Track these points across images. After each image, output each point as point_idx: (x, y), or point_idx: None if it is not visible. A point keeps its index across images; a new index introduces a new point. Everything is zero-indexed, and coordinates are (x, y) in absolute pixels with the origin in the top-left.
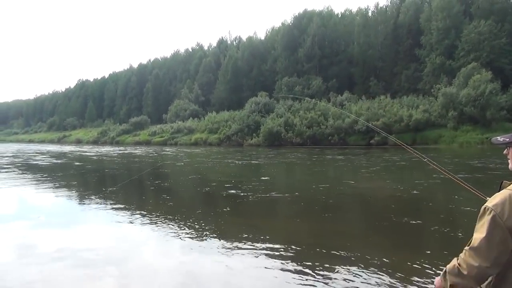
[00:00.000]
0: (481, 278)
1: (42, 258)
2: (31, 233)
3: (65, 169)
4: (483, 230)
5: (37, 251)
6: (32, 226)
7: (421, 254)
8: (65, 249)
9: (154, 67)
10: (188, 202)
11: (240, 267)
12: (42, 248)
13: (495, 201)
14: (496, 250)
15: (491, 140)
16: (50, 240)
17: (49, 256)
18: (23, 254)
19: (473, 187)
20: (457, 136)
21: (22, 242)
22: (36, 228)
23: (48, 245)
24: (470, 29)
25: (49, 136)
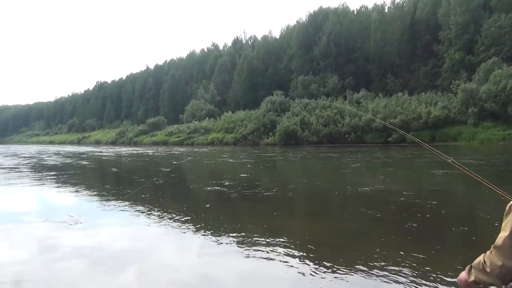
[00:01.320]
0: (504, 277)
1: (63, 256)
2: (52, 231)
3: (87, 170)
4: (507, 229)
5: (58, 249)
6: (53, 225)
7: (441, 251)
8: (84, 247)
9: (170, 67)
10: (204, 201)
11: (257, 267)
12: (62, 246)
13: None
14: None
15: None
16: (71, 238)
17: (70, 254)
18: (45, 251)
19: (497, 187)
20: (478, 133)
21: (43, 240)
22: (57, 227)
23: (69, 243)
24: (490, 23)
25: (69, 137)
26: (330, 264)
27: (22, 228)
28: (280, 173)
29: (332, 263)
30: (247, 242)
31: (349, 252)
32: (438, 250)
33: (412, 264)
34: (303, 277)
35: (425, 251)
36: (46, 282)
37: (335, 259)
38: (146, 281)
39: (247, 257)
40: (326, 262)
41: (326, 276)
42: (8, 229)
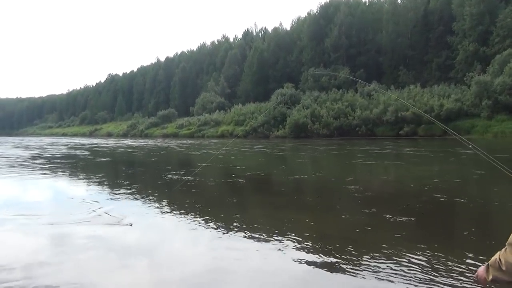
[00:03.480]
0: None
1: (74, 247)
2: (62, 223)
3: (103, 164)
4: None
5: (69, 240)
6: (65, 216)
7: (456, 247)
8: (96, 238)
9: (180, 60)
10: (215, 193)
11: (268, 261)
12: (74, 238)
13: None
14: None
15: None
16: (80, 230)
17: (81, 245)
18: (56, 242)
19: None
20: (491, 126)
21: (55, 231)
22: (68, 219)
23: (79, 235)
24: (506, 13)
25: (82, 129)
26: (341, 259)
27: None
28: (291, 166)
29: (343, 257)
30: (257, 234)
31: (361, 246)
32: (452, 244)
33: (424, 258)
34: (314, 271)
35: (439, 245)
36: (55, 270)
37: (346, 253)
38: (155, 276)
39: (257, 250)
40: (336, 256)
41: (336, 272)
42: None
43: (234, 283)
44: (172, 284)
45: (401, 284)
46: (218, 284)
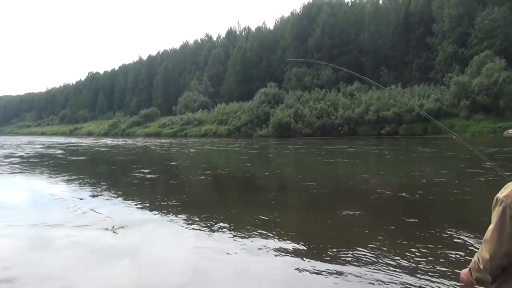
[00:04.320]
0: (495, 270)
1: (56, 247)
2: (44, 224)
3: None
4: (494, 222)
5: (50, 240)
6: (44, 217)
7: (438, 244)
8: (78, 238)
9: (163, 58)
10: (199, 193)
11: (251, 260)
12: (55, 238)
13: (506, 192)
14: (507, 242)
15: (504, 133)
16: (62, 230)
17: (63, 245)
18: (37, 242)
19: (499, 168)
20: (469, 125)
21: (35, 232)
22: (48, 219)
23: (61, 235)
24: (483, 16)
25: (61, 128)
26: (324, 256)
27: None
28: (274, 165)
29: (326, 255)
30: (240, 234)
31: (343, 245)
32: (433, 242)
33: (408, 254)
34: (297, 270)
35: (422, 241)
36: (36, 270)
37: (329, 251)
38: (138, 275)
39: (241, 249)
40: (318, 254)
41: (319, 269)
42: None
43: (217, 284)
44: (155, 285)
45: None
46: (201, 284)
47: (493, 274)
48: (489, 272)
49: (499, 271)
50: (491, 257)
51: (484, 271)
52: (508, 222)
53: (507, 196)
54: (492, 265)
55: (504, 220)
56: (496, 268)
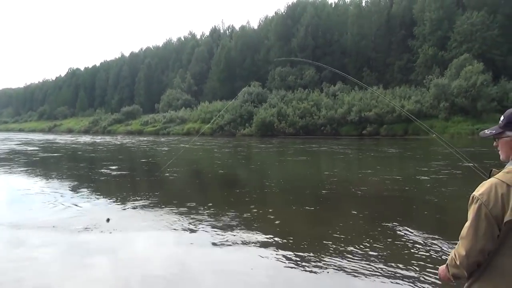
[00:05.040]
0: (471, 266)
1: (34, 245)
2: (19, 219)
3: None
4: (470, 219)
5: (28, 237)
6: (19, 210)
7: (418, 241)
8: (57, 236)
9: (146, 56)
10: (181, 192)
11: (233, 257)
12: (33, 236)
13: (482, 190)
14: (482, 239)
15: (479, 133)
16: (43, 228)
17: (41, 243)
18: (13, 240)
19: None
20: (448, 127)
21: (11, 229)
22: (27, 214)
23: (41, 233)
24: (462, 20)
25: (40, 125)
26: (305, 253)
27: None
28: (255, 165)
29: (307, 252)
30: (223, 232)
31: (323, 242)
32: (414, 239)
33: (390, 250)
34: (278, 266)
35: (402, 237)
36: (12, 268)
37: (311, 248)
38: (119, 273)
39: (223, 246)
40: (300, 251)
41: (300, 266)
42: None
43: (200, 282)
44: (137, 283)
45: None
46: (185, 283)
47: (469, 270)
48: (465, 268)
49: (474, 267)
50: (467, 253)
51: (461, 267)
52: (483, 220)
53: (483, 194)
54: (468, 261)
55: (479, 218)
56: (472, 264)
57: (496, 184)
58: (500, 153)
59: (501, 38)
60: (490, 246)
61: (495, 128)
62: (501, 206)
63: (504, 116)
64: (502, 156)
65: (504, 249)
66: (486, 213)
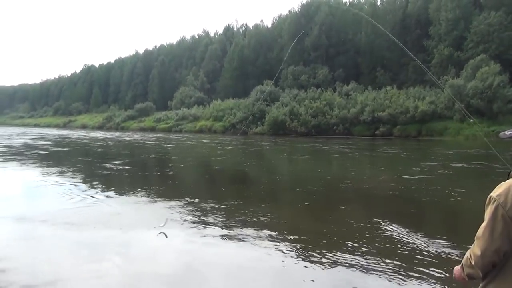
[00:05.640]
0: (486, 266)
1: (45, 239)
2: (32, 213)
3: None
4: (486, 220)
5: (39, 232)
6: (32, 207)
7: (427, 241)
8: (69, 230)
9: (160, 53)
10: (192, 188)
11: (242, 254)
12: (44, 230)
13: (499, 191)
14: (498, 239)
15: (499, 134)
16: (54, 224)
17: (53, 237)
18: (24, 232)
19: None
20: (463, 128)
21: (18, 218)
22: (38, 211)
23: (51, 227)
24: (479, 20)
25: (55, 120)
26: (313, 252)
27: None
28: (267, 163)
29: (316, 250)
30: (232, 231)
31: (333, 240)
32: (423, 239)
33: (396, 250)
34: (286, 264)
35: (411, 240)
36: (24, 259)
37: (319, 247)
38: (129, 270)
39: (231, 243)
40: (309, 250)
41: (309, 264)
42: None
43: (210, 278)
44: (147, 279)
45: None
46: (194, 279)
47: (484, 270)
48: (480, 268)
49: (490, 267)
50: (482, 253)
51: (476, 267)
52: (499, 220)
53: (500, 195)
54: (483, 261)
55: (495, 218)
56: (487, 264)
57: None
58: None
59: None
60: (506, 247)
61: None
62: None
63: None
64: None
65: None
66: (503, 214)
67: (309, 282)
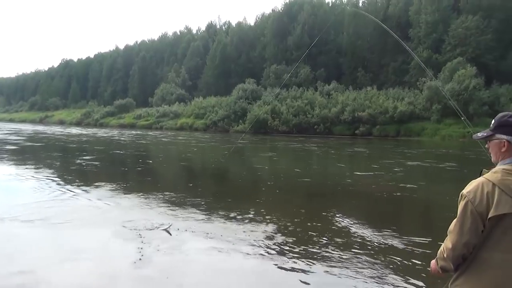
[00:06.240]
0: (456, 259)
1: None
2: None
3: None
4: (458, 215)
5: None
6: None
7: (405, 236)
8: (47, 226)
9: (141, 49)
10: (172, 186)
11: (223, 253)
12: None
13: (470, 188)
14: (467, 234)
15: (473, 136)
16: (43, 221)
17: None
18: None
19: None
20: (440, 129)
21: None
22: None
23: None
24: (457, 24)
25: (31, 115)
26: (294, 249)
27: None
28: (249, 160)
29: (296, 247)
30: (214, 226)
31: (313, 237)
32: (401, 234)
33: (376, 245)
34: (267, 261)
35: (389, 235)
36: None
37: (300, 243)
38: (103, 273)
39: (213, 241)
40: (290, 246)
41: (289, 260)
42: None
43: (191, 281)
44: (123, 278)
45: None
46: (174, 283)
47: (455, 263)
48: (451, 261)
49: (460, 260)
50: (453, 246)
51: (448, 259)
52: (469, 216)
53: (470, 192)
54: (454, 254)
55: (465, 214)
56: (458, 257)
57: (483, 183)
58: (491, 155)
59: (494, 43)
60: (474, 241)
61: (486, 131)
62: (486, 204)
63: (495, 119)
64: (492, 158)
65: (488, 243)
66: (472, 210)
67: None
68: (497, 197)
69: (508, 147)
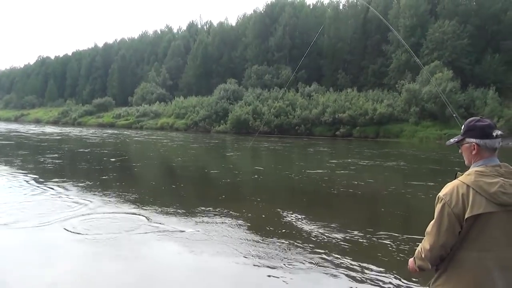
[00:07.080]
0: (434, 259)
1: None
2: None
3: None
4: (435, 217)
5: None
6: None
7: (385, 233)
8: (22, 231)
9: (120, 47)
10: (154, 187)
11: (205, 253)
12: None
13: (446, 191)
14: (445, 235)
15: (446, 143)
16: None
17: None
18: None
19: None
20: (418, 131)
21: None
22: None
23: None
24: (435, 28)
25: (5, 114)
26: (277, 248)
27: None
28: (231, 160)
29: (279, 245)
30: (195, 226)
31: (294, 235)
32: (380, 230)
33: (352, 246)
34: (250, 261)
35: (369, 232)
36: None
37: (282, 241)
38: (79, 277)
39: (194, 242)
40: (273, 245)
41: (272, 259)
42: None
43: (167, 282)
44: (101, 284)
45: None
46: (150, 284)
47: (433, 263)
48: (429, 261)
49: (438, 260)
50: (431, 247)
51: (426, 259)
52: (445, 217)
53: (446, 194)
54: (431, 255)
55: (442, 216)
56: (436, 258)
57: (458, 185)
58: (465, 158)
59: (470, 47)
60: (451, 241)
61: (458, 137)
62: (462, 205)
63: (464, 124)
64: (466, 161)
65: (466, 243)
66: (449, 211)
67: None
68: (472, 198)
69: (478, 149)
